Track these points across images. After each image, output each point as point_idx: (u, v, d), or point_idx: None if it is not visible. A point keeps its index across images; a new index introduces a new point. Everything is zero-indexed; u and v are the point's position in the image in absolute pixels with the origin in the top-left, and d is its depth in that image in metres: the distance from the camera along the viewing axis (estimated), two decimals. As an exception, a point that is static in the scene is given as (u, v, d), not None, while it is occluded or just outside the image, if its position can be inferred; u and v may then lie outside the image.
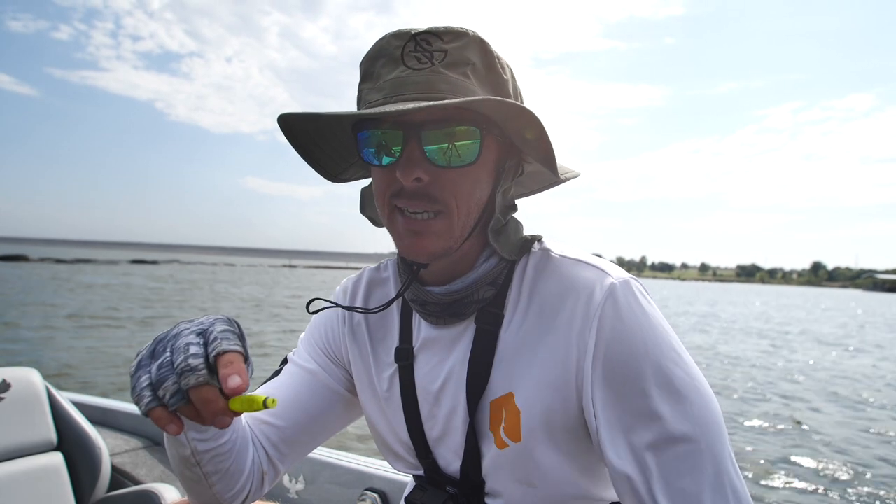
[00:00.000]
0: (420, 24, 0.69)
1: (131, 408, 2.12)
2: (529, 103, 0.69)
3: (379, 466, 1.59)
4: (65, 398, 1.62)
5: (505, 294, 0.75)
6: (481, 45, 0.67)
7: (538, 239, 0.80)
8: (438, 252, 0.69)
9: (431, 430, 0.81)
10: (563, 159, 0.73)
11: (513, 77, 0.73)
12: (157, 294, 22.87)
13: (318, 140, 0.76)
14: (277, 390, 0.86)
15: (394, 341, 0.84)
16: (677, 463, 0.61)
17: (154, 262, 68.85)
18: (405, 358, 0.81)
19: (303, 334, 0.95)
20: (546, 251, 0.77)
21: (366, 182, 0.85)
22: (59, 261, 56.42)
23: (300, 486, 1.65)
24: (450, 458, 0.79)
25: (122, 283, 27.88)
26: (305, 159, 0.77)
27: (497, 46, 0.70)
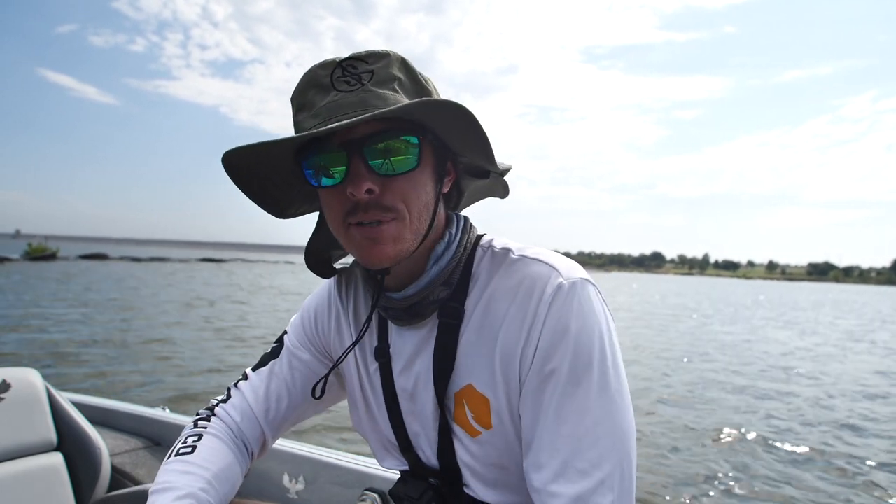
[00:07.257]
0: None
1: (131, 408, 2.12)
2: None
3: (379, 467, 1.55)
4: (65, 398, 1.63)
5: (465, 291, 0.79)
6: (403, 63, 0.73)
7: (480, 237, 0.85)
8: (396, 256, 0.73)
9: (411, 426, 0.85)
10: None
11: (436, 90, 0.79)
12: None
13: (260, 172, 0.76)
14: (277, 375, 0.94)
15: (374, 340, 0.88)
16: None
17: (221, 261, 71.59)
18: (383, 356, 0.86)
19: (295, 317, 0.99)
20: (505, 250, 0.80)
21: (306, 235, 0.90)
22: (135, 259, 59.14)
23: (300, 487, 1.64)
24: (429, 452, 0.84)
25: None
26: (251, 197, 0.78)
27: (416, 64, 0.76)
